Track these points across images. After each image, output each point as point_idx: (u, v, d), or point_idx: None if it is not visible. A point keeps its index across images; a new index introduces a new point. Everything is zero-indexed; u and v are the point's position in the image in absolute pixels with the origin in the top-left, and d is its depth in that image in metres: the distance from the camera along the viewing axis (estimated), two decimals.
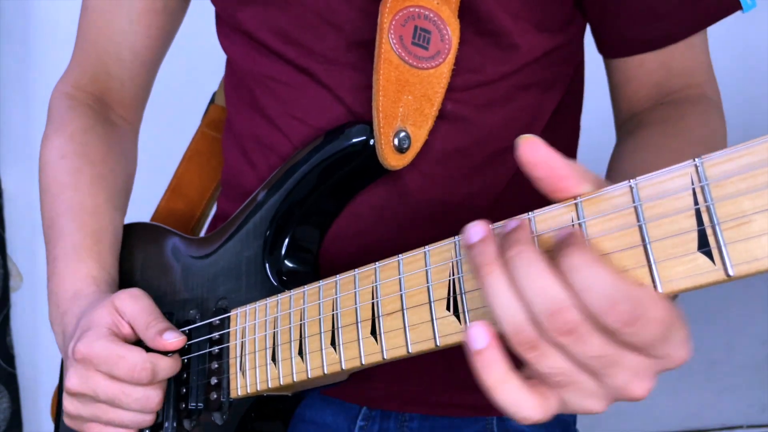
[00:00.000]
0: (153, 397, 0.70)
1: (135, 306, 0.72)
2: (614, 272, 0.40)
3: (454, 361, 0.68)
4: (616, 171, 0.73)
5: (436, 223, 0.76)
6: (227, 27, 0.84)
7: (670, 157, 0.60)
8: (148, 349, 0.70)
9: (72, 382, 0.70)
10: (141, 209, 0.97)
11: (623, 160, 0.74)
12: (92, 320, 0.71)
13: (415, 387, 0.79)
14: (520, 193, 0.79)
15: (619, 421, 1.82)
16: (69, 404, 0.72)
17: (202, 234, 1.02)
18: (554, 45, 0.76)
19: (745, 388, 1.80)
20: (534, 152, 0.45)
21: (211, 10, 0.88)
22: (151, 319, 0.71)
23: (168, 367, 0.71)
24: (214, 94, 1.06)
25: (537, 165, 0.45)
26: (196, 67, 1.32)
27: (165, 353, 0.71)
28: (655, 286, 0.40)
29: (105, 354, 0.68)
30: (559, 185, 0.45)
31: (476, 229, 0.47)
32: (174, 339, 0.70)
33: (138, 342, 0.72)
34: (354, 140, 0.70)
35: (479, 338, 0.43)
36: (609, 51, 0.80)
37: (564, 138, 0.85)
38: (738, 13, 0.73)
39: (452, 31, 0.69)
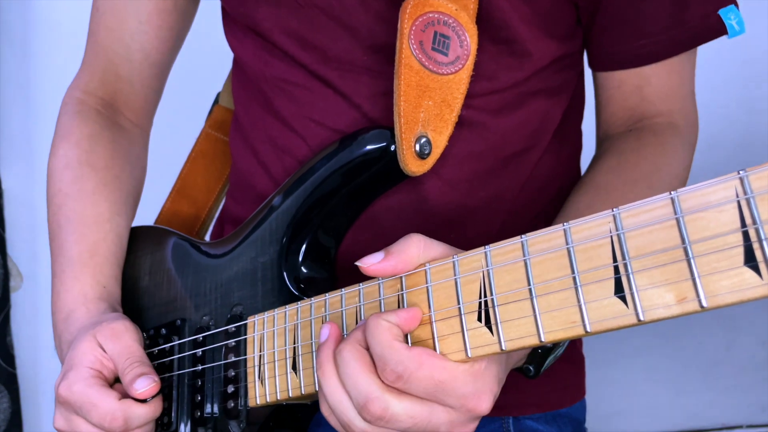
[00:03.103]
0: None
1: (115, 346, 0.71)
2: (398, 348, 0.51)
3: None
4: (569, 203, 0.76)
5: (454, 227, 0.76)
6: (236, 26, 0.83)
7: (608, 199, 0.73)
8: None
9: (58, 422, 0.71)
10: (145, 211, 0.96)
11: (577, 193, 0.77)
12: (74, 358, 0.71)
13: None
14: (535, 197, 0.79)
15: (620, 421, 1.82)
16: None
17: (208, 236, 1.01)
18: (562, 53, 0.77)
19: (745, 388, 1.80)
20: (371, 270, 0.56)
21: (216, 8, 0.87)
22: (128, 365, 0.70)
23: (143, 414, 0.69)
24: (218, 95, 1.05)
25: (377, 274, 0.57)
26: (200, 67, 1.31)
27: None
28: (699, 301, 0.39)
29: (80, 400, 0.68)
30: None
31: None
32: (143, 389, 0.69)
33: None
34: (374, 146, 0.69)
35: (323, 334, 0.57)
36: (594, 64, 0.81)
37: (571, 142, 0.85)
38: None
39: (470, 37, 0.68)
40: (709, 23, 0.73)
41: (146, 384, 0.69)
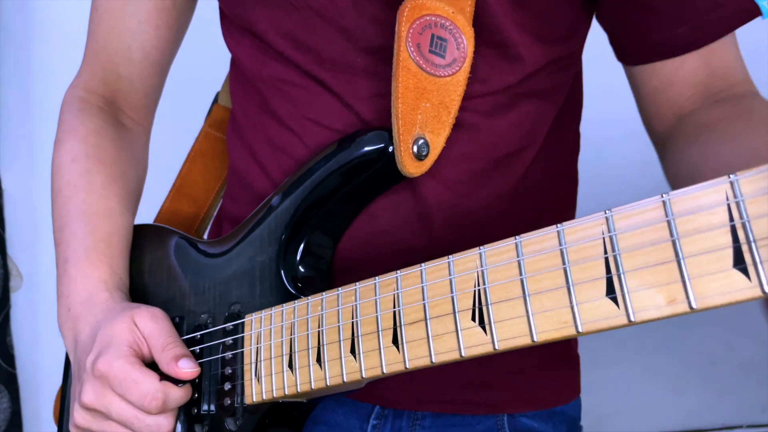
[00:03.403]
0: (164, 425, 0.69)
1: (154, 326, 0.71)
2: None
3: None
4: (714, 163, 0.68)
5: (449, 227, 0.76)
6: (233, 27, 0.84)
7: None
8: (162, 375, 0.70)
9: (88, 396, 0.70)
10: (144, 209, 0.96)
11: (716, 153, 0.69)
12: (113, 336, 0.71)
13: (428, 385, 0.79)
14: (531, 198, 0.80)
15: (620, 421, 1.82)
16: (79, 416, 0.72)
17: (206, 235, 1.02)
18: (557, 56, 0.77)
19: (745, 388, 1.80)
20: None
21: (215, 7, 0.88)
22: (169, 342, 0.71)
23: (179, 397, 0.70)
24: (217, 94, 1.05)
25: None
26: (199, 66, 1.31)
27: (177, 382, 0.70)
28: (689, 302, 0.40)
29: (122, 376, 0.68)
30: None
31: None
32: (189, 369, 0.70)
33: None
34: (372, 147, 0.69)
35: None
36: (638, 58, 0.78)
37: (567, 143, 0.85)
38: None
39: (467, 39, 0.69)
40: (744, 4, 0.71)
41: (191, 365, 0.70)
